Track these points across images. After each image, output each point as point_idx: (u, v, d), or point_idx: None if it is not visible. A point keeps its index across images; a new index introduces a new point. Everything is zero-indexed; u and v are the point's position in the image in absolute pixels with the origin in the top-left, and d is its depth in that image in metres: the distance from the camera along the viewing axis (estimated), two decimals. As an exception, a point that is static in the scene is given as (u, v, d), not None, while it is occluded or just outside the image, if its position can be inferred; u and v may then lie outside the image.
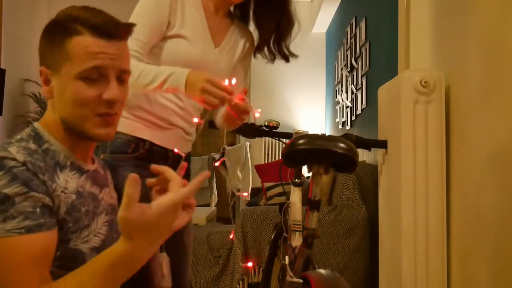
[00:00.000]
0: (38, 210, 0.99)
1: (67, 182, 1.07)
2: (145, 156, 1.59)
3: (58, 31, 1.07)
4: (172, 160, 1.65)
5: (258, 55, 1.79)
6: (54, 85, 1.09)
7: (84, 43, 1.05)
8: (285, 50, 1.75)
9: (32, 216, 0.98)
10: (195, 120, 1.63)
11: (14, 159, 1.00)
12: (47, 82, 1.09)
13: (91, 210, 1.12)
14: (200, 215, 4.07)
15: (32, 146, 1.05)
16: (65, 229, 1.04)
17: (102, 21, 1.06)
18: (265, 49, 1.75)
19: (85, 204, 1.10)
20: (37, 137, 1.08)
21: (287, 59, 1.77)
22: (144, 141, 1.59)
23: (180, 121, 1.67)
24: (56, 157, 1.08)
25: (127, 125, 1.58)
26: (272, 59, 1.77)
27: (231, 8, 1.77)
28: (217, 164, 1.61)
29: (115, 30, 1.07)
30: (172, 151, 1.64)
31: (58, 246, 1.03)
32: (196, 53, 1.62)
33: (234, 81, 1.45)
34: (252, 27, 1.79)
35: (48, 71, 1.08)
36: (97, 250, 1.10)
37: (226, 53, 1.71)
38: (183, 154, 1.66)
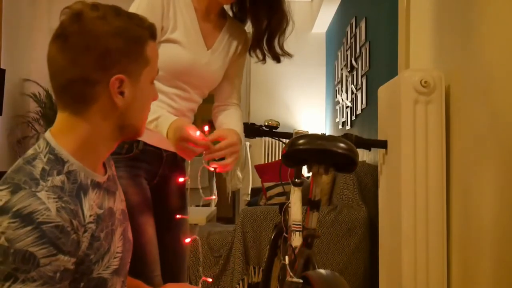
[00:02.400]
0: (58, 275, 0.95)
1: (92, 208, 1.04)
2: (139, 156, 1.59)
3: (131, 38, 1.04)
4: (166, 159, 1.65)
5: (253, 54, 1.76)
6: (130, 93, 1.05)
7: (154, 47, 1.10)
8: (277, 49, 1.71)
9: (51, 282, 0.95)
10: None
11: (47, 209, 0.95)
12: (120, 89, 1.03)
13: (109, 231, 1.09)
14: (200, 215, 4.07)
15: (58, 180, 0.99)
16: (87, 262, 1.02)
17: (155, 27, 1.11)
18: (257, 48, 1.72)
19: (104, 227, 1.07)
20: (58, 160, 1.01)
21: (277, 60, 1.73)
22: (137, 141, 1.59)
23: None
24: (77, 179, 1.03)
25: None
26: (262, 59, 1.73)
27: (227, 7, 1.76)
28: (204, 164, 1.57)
29: (156, 34, 1.13)
30: (167, 150, 1.64)
31: (82, 278, 1.02)
32: (188, 57, 1.61)
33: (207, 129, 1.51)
34: (249, 25, 1.78)
35: (128, 80, 1.03)
36: (117, 271, 1.10)
37: (219, 54, 1.69)
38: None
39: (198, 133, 1.43)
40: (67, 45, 1.01)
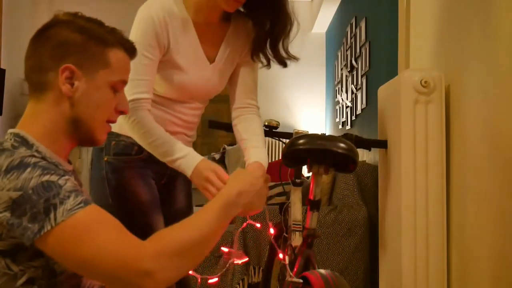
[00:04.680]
0: (78, 188, 1.01)
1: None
2: (148, 157, 1.61)
3: (93, 37, 1.10)
4: None
5: (256, 60, 1.69)
6: (81, 86, 1.09)
7: (122, 57, 1.15)
8: (282, 53, 1.65)
9: (80, 194, 1.00)
10: None
11: (32, 155, 1.01)
12: (70, 80, 1.09)
13: None
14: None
15: (29, 152, 1.04)
16: None
17: (130, 43, 1.17)
18: (261, 52, 1.66)
19: None
20: (25, 142, 1.07)
21: (284, 64, 1.67)
22: None
23: (181, 129, 1.70)
24: (45, 158, 1.07)
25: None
26: (267, 64, 1.68)
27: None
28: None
29: (135, 53, 1.20)
30: None
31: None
32: (191, 81, 1.62)
33: None
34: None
35: (78, 71, 1.09)
36: None
37: (223, 64, 1.67)
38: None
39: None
40: (36, 38, 1.12)
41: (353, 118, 4.16)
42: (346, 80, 4.48)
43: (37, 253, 1.00)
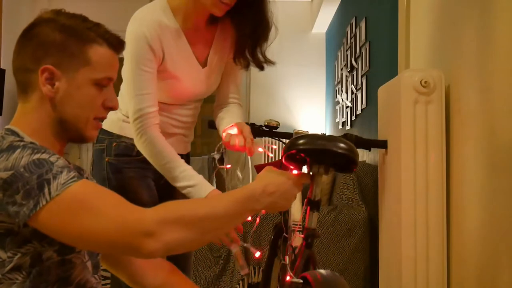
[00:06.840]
0: (70, 166, 1.02)
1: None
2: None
3: (72, 35, 1.08)
4: None
5: (237, 62, 1.72)
6: (62, 86, 1.08)
7: (105, 53, 1.11)
8: (260, 57, 1.68)
9: (72, 170, 1.00)
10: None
11: (21, 140, 1.01)
12: (51, 81, 1.08)
13: None
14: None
15: (18, 138, 1.05)
16: None
17: (115, 37, 1.13)
18: (241, 56, 1.69)
19: None
20: (15, 134, 1.07)
21: (261, 68, 1.70)
22: None
23: (179, 130, 1.73)
24: (34, 143, 1.08)
25: (131, 130, 1.61)
26: (246, 66, 1.71)
27: None
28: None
29: (122, 47, 1.16)
30: None
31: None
32: (186, 88, 1.66)
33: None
34: None
35: (57, 72, 1.08)
36: None
37: (214, 65, 1.70)
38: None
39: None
40: (21, 39, 1.12)
41: (353, 118, 4.16)
42: (346, 80, 4.48)
43: (25, 239, 1.00)
